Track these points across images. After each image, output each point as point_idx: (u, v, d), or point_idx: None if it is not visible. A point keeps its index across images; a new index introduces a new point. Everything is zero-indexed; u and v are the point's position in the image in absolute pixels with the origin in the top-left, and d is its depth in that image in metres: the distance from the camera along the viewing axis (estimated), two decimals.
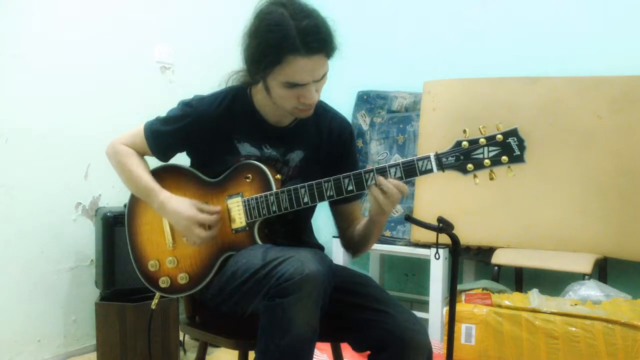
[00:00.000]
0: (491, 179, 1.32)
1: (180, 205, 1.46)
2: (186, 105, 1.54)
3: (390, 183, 1.33)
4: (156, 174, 1.57)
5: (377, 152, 3.21)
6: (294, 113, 1.45)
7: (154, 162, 1.62)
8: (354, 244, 1.59)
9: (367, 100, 3.28)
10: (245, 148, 1.52)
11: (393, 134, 3.17)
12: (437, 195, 2.83)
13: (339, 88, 2.67)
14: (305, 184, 1.40)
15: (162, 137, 1.54)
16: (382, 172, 1.35)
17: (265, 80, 1.40)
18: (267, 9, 1.36)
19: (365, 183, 1.36)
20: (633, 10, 2.75)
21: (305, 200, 1.40)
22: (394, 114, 3.21)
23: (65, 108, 2.54)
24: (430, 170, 1.33)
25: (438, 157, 1.32)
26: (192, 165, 1.60)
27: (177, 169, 1.58)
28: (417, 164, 1.33)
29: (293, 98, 1.39)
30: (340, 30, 1.42)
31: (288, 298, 1.21)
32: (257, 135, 1.52)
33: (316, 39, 1.33)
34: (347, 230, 1.60)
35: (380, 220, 1.46)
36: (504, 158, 1.29)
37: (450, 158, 1.32)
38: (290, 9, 1.33)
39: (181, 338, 2.56)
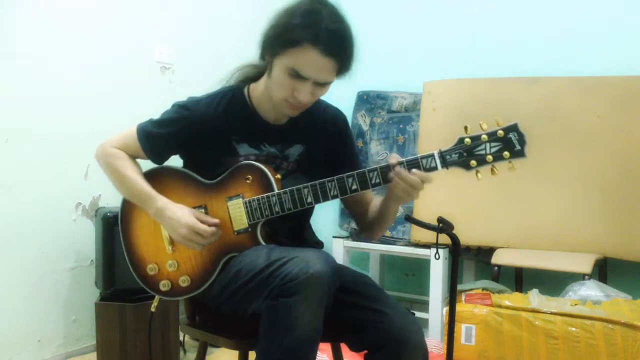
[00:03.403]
0: (493, 174, 1.32)
1: (178, 212, 1.44)
2: (182, 107, 1.51)
3: (415, 175, 1.33)
4: (152, 176, 1.53)
5: (377, 152, 3.20)
6: (281, 106, 1.44)
7: (147, 165, 1.59)
8: (371, 226, 1.60)
9: (367, 100, 3.28)
10: (244, 148, 1.51)
11: (393, 134, 3.17)
12: (437, 195, 2.82)
13: (339, 88, 2.66)
14: (309, 183, 1.40)
15: (157, 139, 1.52)
16: (414, 164, 1.34)
17: (272, 59, 1.40)
18: (309, 1, 1.39)
19: (369, 182, 1.36)
20: (633, 10, 2.75)
21: (309, 200, 1.40)
22: (394, 114, 3.20)
23: (65, 108, 2.53)
24: (435, 168, 1.33)
25: (442, 154, 1.33)
26: (185, 167, 1.57)
27: (174, 171, 1.55)
28: (422, 161, 1.34)
29: (288, 88, 1.39)
30: None
31: (292, 298, 1.21)
32: (256, 134, 1.52)
33: (337, 44, 1.36)
34: (365, 215, 1.60)
35: (394, 206, 1.48)
36: (506, 153, 1.30)
37: (454, 155, 1.32)
38: (329, 10, 1.37)
39: (181, 338, 2.56)
